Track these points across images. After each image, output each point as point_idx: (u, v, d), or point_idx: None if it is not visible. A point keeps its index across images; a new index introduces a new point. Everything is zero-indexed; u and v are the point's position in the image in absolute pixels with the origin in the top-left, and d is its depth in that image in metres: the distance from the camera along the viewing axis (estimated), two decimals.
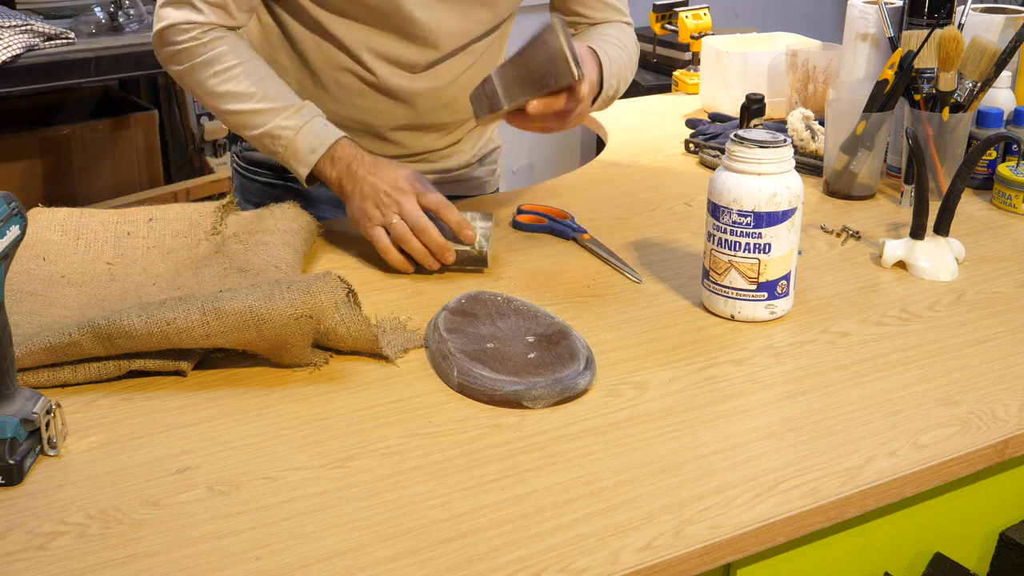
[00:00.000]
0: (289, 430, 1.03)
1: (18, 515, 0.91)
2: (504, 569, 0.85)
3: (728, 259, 1.22)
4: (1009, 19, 1.66)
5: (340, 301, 1.10)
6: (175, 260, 1.29)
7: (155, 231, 1.33)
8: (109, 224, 1.32)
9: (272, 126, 1.37)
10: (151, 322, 1.05)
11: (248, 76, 1.38)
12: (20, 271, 1.24)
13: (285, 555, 0.86)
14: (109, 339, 1.06)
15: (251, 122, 1.38)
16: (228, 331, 1.06)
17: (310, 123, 1.38)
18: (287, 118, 1.38)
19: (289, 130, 1.37)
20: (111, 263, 1.28)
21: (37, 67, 2.41)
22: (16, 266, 1.23)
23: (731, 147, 1.20)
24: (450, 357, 1.11)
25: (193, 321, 1.05)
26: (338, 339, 1.12)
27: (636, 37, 1.59)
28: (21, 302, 1.18)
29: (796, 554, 0.98)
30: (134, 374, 1.10)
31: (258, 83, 1.39)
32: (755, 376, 1.14)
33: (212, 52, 1.38)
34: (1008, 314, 1.27)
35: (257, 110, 1.38)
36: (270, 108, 1.38)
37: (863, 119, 1.57)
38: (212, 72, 1.38)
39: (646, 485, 0.95)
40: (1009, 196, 1.57)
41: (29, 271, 1.25)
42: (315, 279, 1.09)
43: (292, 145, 1.37)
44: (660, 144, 1.87)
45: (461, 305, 1.21)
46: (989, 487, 1.10)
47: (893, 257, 1.39)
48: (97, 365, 1.08)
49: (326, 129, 1.38)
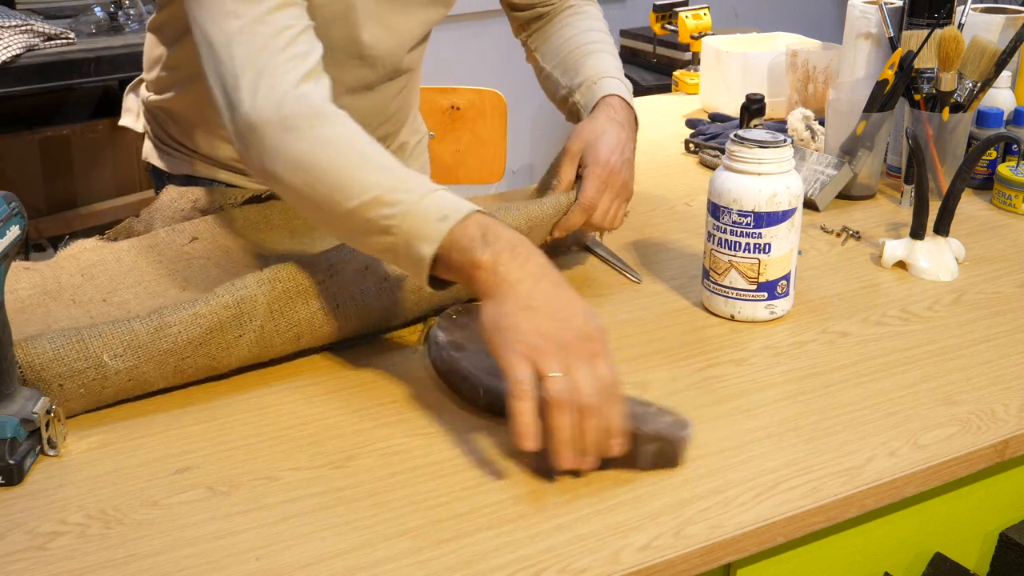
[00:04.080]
0: (289, 430, 1.03)
1: (18, 515, 0.91)
2: (504, 569, 0.85)
3: (728, 259, 1.22)
4: (1009, 19, 1.66)
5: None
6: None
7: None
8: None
9: (387, 188, 1.01)
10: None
11: (358, 136, 1.07)
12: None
13: (285, 555, 0.86)
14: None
15: (356, 184, 1.02)
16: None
17: (439, 192, 1.03)
18: (402, 180, 1.03)
19: (412, 193, 1.01)
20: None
21: (37, 67, 2.40)
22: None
23: (731, 147, 1.20)
24: (471, 377, 1.05)
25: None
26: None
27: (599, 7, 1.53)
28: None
29: (796, 554, 0.98)
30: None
31: (370, 145, 1.06)
32: (755, 376, 1.14)
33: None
34: (1008, 314, 1.27)
35: (365, 170, 1.03)
36: (385, 168, 1.04)
37: (863, 119, 1.57)
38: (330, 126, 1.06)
39: (646, 485, 0.95)
40: (1009, 196, 1.57)
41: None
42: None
43: (414, 212, 1.00)
44: (660, 144, 1.87)
45: (453, 322, 1.14)
46: (989, 487, 1.10)
47: (893, 257, 1.39)
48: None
49: (461, 200, 1.02)
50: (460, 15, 3.36)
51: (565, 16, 1.50)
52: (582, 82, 1.40)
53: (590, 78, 1.39)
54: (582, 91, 1.39)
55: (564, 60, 1.45)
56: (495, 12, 1.57)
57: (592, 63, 1.42)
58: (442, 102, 2.12)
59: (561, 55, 1.46)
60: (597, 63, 1.41)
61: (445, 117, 2.12)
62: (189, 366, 1.06)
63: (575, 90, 1.40)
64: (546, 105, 1.51)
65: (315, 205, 1.05)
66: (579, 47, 1.45)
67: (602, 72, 1.39)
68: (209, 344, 1.06)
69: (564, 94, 1.43)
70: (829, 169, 1.57)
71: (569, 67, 1.43)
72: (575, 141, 1.30)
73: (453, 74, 3.35)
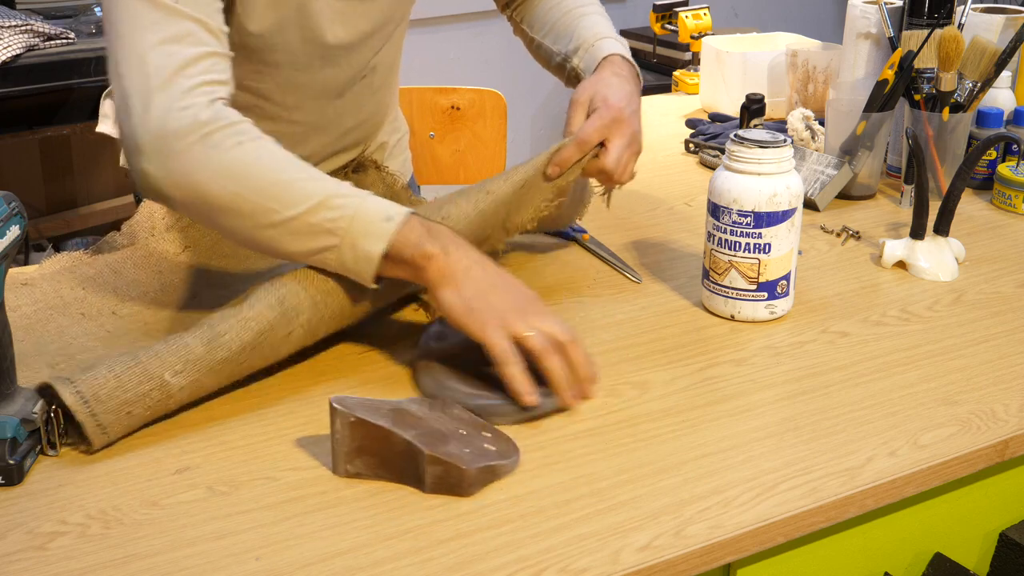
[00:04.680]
0: (289, 430, 1.03)
1: (18, 515, 0.91)
2: (504, 569, 0.85)
3: (728, 259, 1.22)
4: (1009, 19, 1.66)
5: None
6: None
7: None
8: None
9: (330, 194, 1.06)
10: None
11: (279, 149, 1.10)
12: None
13: (285, 555, 0.86)
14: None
15: (298, 191, 1.06)
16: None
17: (374, 196, 1.09)
18: (340, 186, 1.08)
19: (355, 197, 1.07)
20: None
21: (37, 67, 2.40)
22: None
23: (731, 147, 1.20)
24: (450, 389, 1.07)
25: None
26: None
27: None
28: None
29: (796, 554, 0.98)
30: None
31: (294, 157, 1.10)
32: (755, 376, 1.14)
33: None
34: (1008, 314, 1.27)
35: (305, 178, 1.07)
36: (323, 177, 1.08)
37: (863, 119, 1.57)
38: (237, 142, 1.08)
39: (646, 485, 0.95)
40: (1009, 196, 1.57)
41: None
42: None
43: (360, 213, 1.06)
44: (660, 144, 1.87)
45: (431, 348, 1.14)
46: (989, 487, 1.10)
47: (893, 257, 1.39)
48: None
49: (395, 203, 1.09)
50: (460, 15, 3.37)
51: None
52: (578, 46, 1.37)
53: (587, 40, 1.36)
54: (579, 55, 1.36)
55: (555, 27, 1.42)
56: (495, 12, 1.56)
57: (586, 25, 1.39)
58: (442, 102, 2.12)
59: (550, 22, 1.43)
60: (591, 25, 1.39)
61: (445, 117, 2.12)
62: (245, 370, 1.07)
63: (571, 55, 1.38)
64: (546, 105, 1.51)
65: (241, 214, 1.07)
66: (568, 11, 1.42)
67: (598, 34, 1.37)
68: (263, 346, 1.06)
69: (560, 61, 1.40)
70: (829, 169, 1.57)
71: (562, 33, 1.41)
72: (582, 92, 1.27)
73: (453, 74, 3.36)
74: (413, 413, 0.98)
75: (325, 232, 1.06)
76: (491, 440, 0.98)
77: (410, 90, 2.06)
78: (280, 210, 1.06)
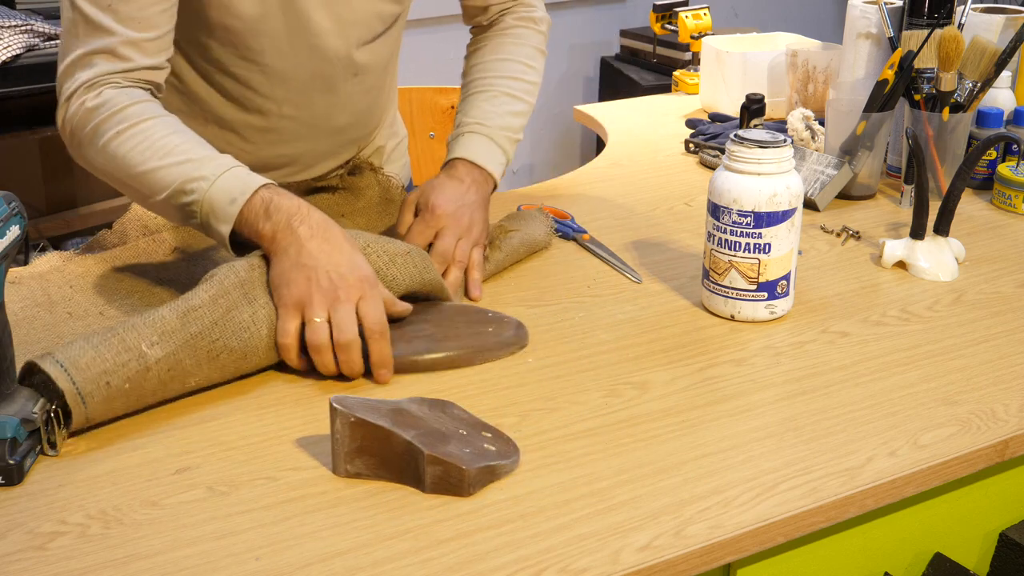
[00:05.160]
0: (289, 430, 1.03)
1: (18, 515, 0.91)
2: (504, 569, 0.85)
3: (728, 259, 1.22)
4: (1009, 19, 1.66)
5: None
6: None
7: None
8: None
9: (184, 179, 1.15)
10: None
11: (155, 131, 1.18)
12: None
13: (285, 555, 0.86)
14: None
15: (158, 181, 1.16)
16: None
17: (230, 172, 1.15)
18: (197, 168, 1.15)
19: (204, 181, 1.15)
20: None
21: (37, 67, 2.40)
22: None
23: (731, 147, 1.20)
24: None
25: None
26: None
27: (542, 31, 1.52)
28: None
29: (796, 554, 0.98)
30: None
31: (166, 138, 1.18)
32: (755, 376, 1.14)
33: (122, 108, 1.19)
34: (1008, 314, 1.28)
35: (164, 166, 1.16)
36: (182, 161, 1.16)
37: (863, 119, 1.57)
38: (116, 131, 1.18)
39: (646, 485, 0.95)
40: (1009, 196, 1.57)
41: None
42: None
43: (208, 198, 1.14)
44: (660, 144, 1.87)
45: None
46: (989, 487, 1.10)
47: (893, 257, 1.39)
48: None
49: (249, 176, 1.16)
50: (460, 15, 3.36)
51: (494, 34, 1.51)
52: (456, 127, 1.41)
53: (461, 127, 1.40)
54: (453, 136, 1.41)
55: (466, 88, 1.47)
56: None
57: (467, 107, 1.42)
58: (442, 102, 2.12)
59: (467, 82, 1.47)
60: (471, 109, 1.41)
61: (445, 117, 2.12)
62: (220, 349, 1.07)
63: (454, 131, 1.41)
64: (546, 105, 1.51)
65: (132, 194, 1.21)
66: (473, 81, 1.46)
67: (468, 125, 1.39)
68: (231, 323, 1.08)
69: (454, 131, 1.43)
70: (829, 169, 1.57)
71: (463, 102, 1.45)
72: (413, 194, 1.35)
73: (453, 74, 3.35)
74: (413, 413, 0.98)
75: (188, 214, 1.16)
76: (491, 440, 0.98)
77: (410, 90, 2.06)
78: (149, 195, 1.18)
